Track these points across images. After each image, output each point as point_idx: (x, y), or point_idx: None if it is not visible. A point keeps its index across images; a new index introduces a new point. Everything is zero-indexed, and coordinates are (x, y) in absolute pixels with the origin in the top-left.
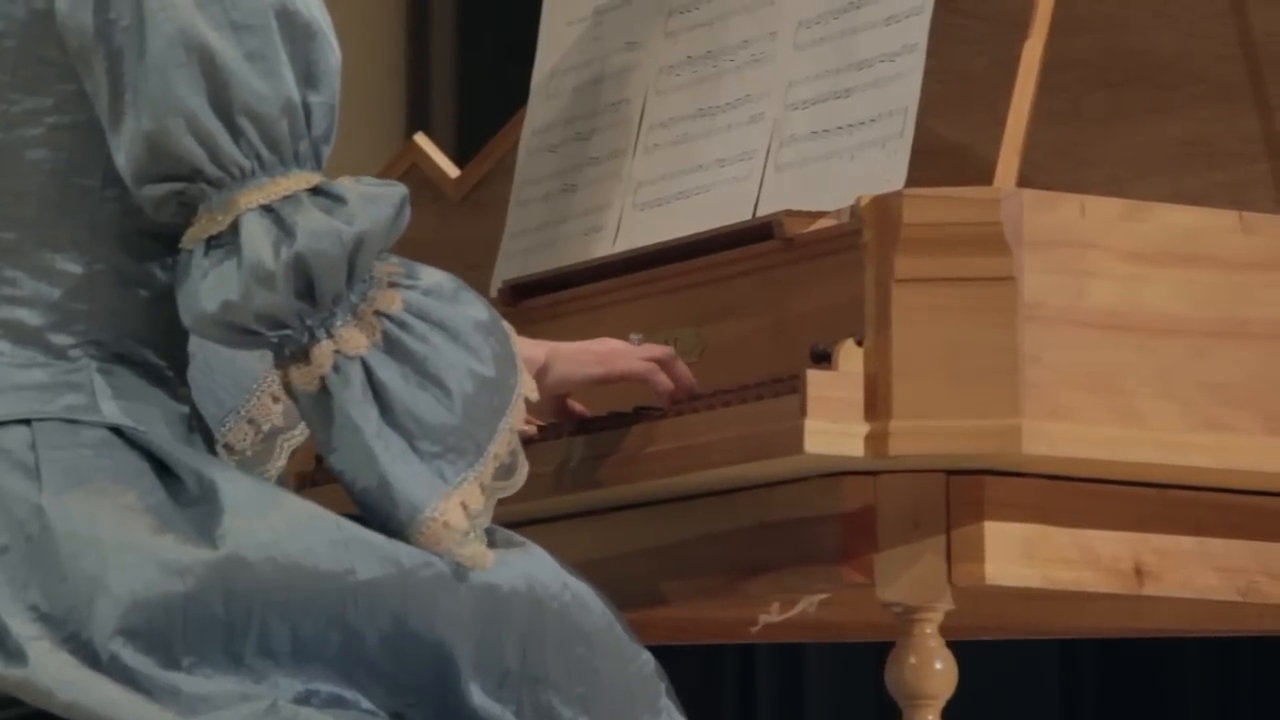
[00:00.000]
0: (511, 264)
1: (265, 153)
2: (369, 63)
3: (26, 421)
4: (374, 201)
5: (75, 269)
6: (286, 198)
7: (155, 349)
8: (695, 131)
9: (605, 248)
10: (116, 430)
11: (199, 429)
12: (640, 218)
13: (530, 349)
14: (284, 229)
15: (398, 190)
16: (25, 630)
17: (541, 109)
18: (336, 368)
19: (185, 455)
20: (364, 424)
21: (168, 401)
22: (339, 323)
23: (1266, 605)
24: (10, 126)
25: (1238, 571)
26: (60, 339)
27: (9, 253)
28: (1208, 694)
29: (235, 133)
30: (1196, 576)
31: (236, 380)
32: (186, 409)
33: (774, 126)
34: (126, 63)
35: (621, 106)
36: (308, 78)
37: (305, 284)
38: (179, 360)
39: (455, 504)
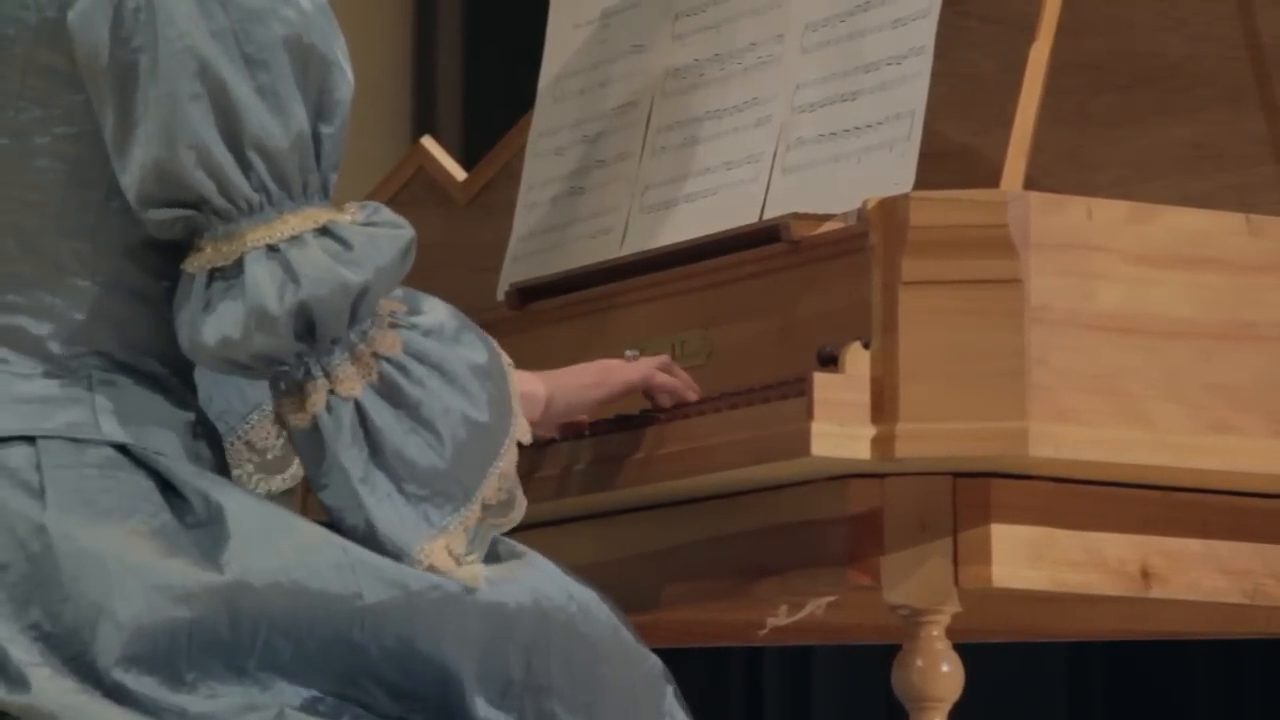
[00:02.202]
0: (519, 267)
1: (274, 188)
2: (375, 66)
3: (31, 439)
4: (379, 248)
5: (78, 279)
6: (293, 238)
7: (159, 358)
8: (702, 134)
9: (612, 250)
10: (121, 448)
11: (205, 435)
12: (647, 220)
13: (531, 384)
14: (289, 273)
15: (404, 234)
16: (26, 656)
17: (548, 112)
18: (329, 407)
19: (192, 476)
20: (351, 467)
21: (172, 410)
22: (336, 361)
23: (1273, 607)
24: (17, 133)
25: (1244, 574)
26: (62, 349)
27: (11, 260)
28: (1214, 696)
29: (245, 166)
30: (1203, 579)
31: None
32: (192, 415)
33: (781, 129)
34: (138, 86)
35: (628, 109)
36: (319, 109)
37: (306, 327)
38: (184, 367)
39: (440, 547)
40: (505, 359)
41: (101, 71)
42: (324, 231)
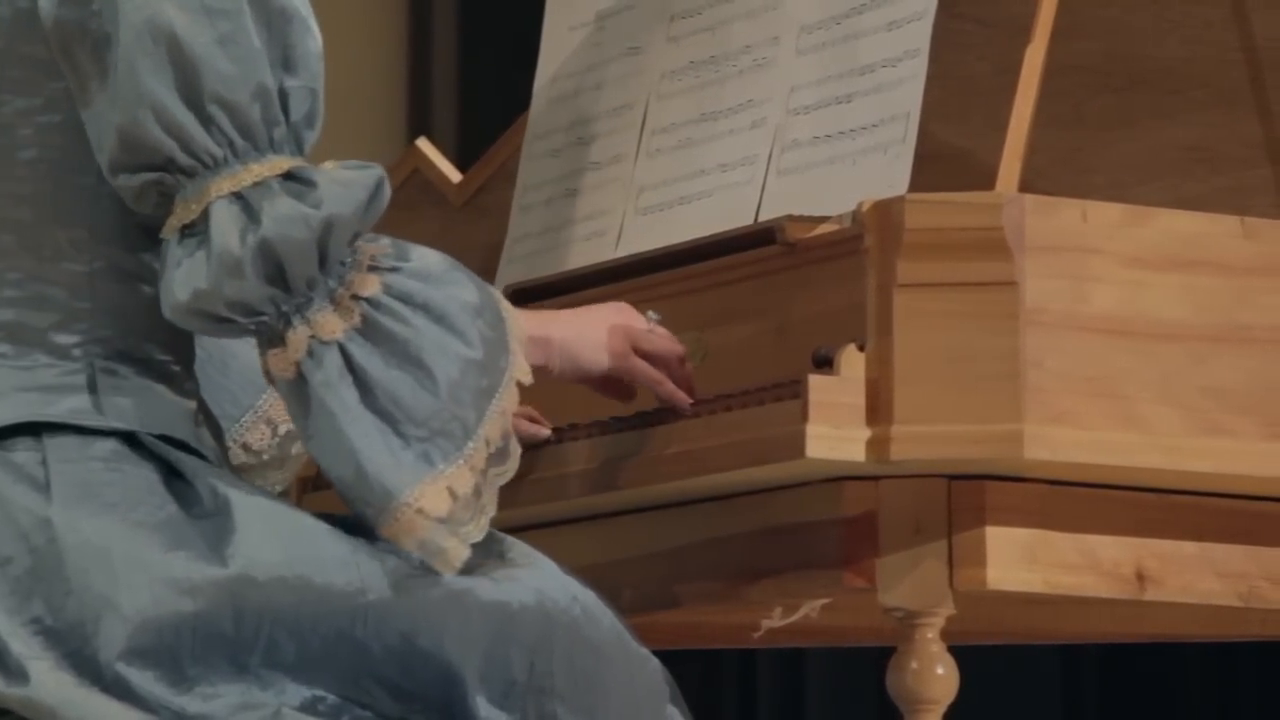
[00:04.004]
0: (514, 268)
1: (238, 140)
2: (371, 67)
3: (36, 435)
4: (346, 185)
5: (75, 268)
6: (257, 184)
7: (159, 344)
8: (697, 136)
9: (607, 252)
10: (127, 438)
11: (206, 423)
12: (642, 222)
13: (538, 327)
14: (251, 216)
15: (373, 173)
16: (25, 648)
17: (543, 114)
18: (311, 353)
19: (201, 467)
20: (338, 409)
21: (173, 398)
22: (315, 308)
23: (1268, 610)
24: (3, 127)
25: (1239, 576)
26: (63, 339)
27: (8, 254)
28: (1208, 699)
29: (206, 121)
30: (1198, 581)
31: (252, 380)
32: (193, 404)
33: (776, 131)
34: (103, 57)
35: (623, 111)
36: (285, 62)
37: (275, 270)
38: (185, 354)
39: (440, 489)
40: (505, 304)
41: (73, 47)
42: (289, 176)
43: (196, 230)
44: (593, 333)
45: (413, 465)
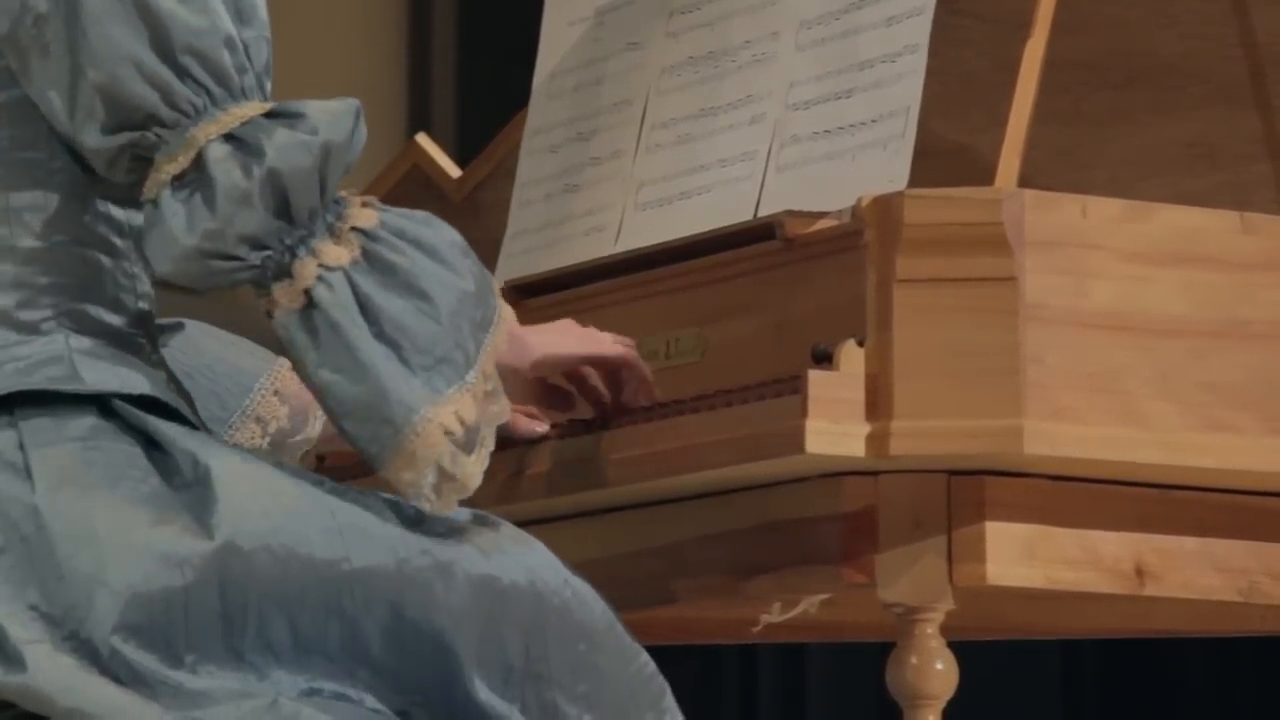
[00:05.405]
0: (513, 264)
1: (214, 87)
2: (370, 62)
3: (10, 416)
4: (333, 114)
5: (35, 244)
6: (245, 123)
7: (125, 315)
8: (697, 132)
9: (607, 248)
10: (103, 409)
11: (179, 391)
12: (642, 218)
13: (518, 328)
14: (249, 150)
15: (351, 101)
16: (23, 634)
17: (543, 109)
18: (321, 278)
19: (180, 435)
20: (353, 330)
21: (144, 367)
22: (317, 239)
23: (1268, 606)
24: None
25: (1239, 572)
26: (30, 315)
27: None
28: (1209, 695)
29: (181, 72)
30: (1198, 577)
31: (239, 380)
32: (164, 374)
33: (775, 127)
34: (63, 27)
35: (623, 107)
36: (239, 14)
37: (281, 200)
38: (150, 328)
39: (449, 413)
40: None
41: (15, 30)
42: (272, 114)
43: (189, 179)
44: (566, 329)
45: (423, 388)
